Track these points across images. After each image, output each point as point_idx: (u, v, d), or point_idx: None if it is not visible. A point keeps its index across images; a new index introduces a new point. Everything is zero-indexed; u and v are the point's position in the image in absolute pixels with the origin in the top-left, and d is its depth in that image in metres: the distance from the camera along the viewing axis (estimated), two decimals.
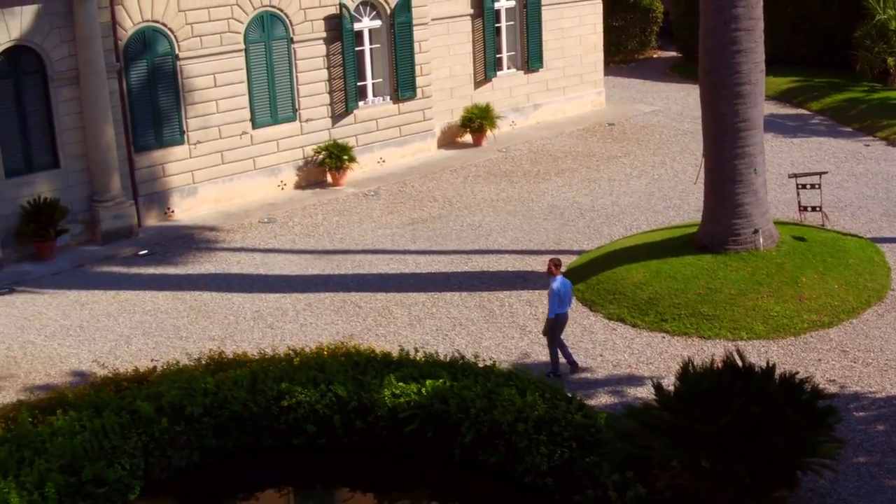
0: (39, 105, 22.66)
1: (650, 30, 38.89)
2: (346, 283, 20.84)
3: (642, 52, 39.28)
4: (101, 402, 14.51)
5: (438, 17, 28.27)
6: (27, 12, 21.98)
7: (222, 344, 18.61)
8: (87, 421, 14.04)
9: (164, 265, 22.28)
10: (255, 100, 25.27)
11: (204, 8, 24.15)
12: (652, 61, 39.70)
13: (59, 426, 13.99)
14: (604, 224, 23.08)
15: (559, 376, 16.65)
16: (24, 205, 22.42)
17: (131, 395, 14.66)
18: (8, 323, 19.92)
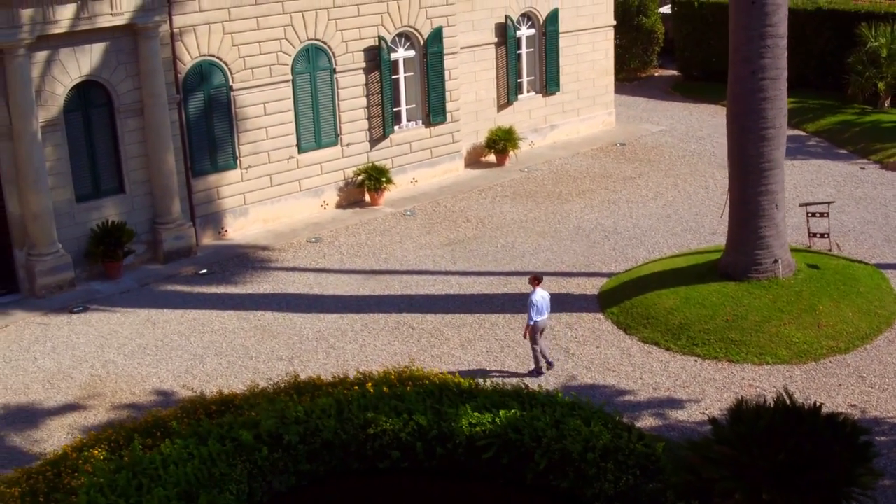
0: (107, 135, 23.31)
1: (652, 50, 39.76)
2: (397, 304, 21.58)
3: (644, 70, 40.11)
4: (203, 431, 15.23)
5: (466, 46, 28.95)
6: (96, 49, 22.55)
7: (290, 364, 19.39)
8: (194, 449, 14.72)
9: (225, 284, 22.97)
10: (301, 126, 25.94)
11: (255, 42, 24.77)
12: (654, 79, 40.50)
13: (169, 454, 14.70)
14: (628, 246, 23.87)
15: (541, 374, 18.36)
16: (94, 228, 23.09)
17: (228, 422, 15.41)
18: (87, 342, 20.59)
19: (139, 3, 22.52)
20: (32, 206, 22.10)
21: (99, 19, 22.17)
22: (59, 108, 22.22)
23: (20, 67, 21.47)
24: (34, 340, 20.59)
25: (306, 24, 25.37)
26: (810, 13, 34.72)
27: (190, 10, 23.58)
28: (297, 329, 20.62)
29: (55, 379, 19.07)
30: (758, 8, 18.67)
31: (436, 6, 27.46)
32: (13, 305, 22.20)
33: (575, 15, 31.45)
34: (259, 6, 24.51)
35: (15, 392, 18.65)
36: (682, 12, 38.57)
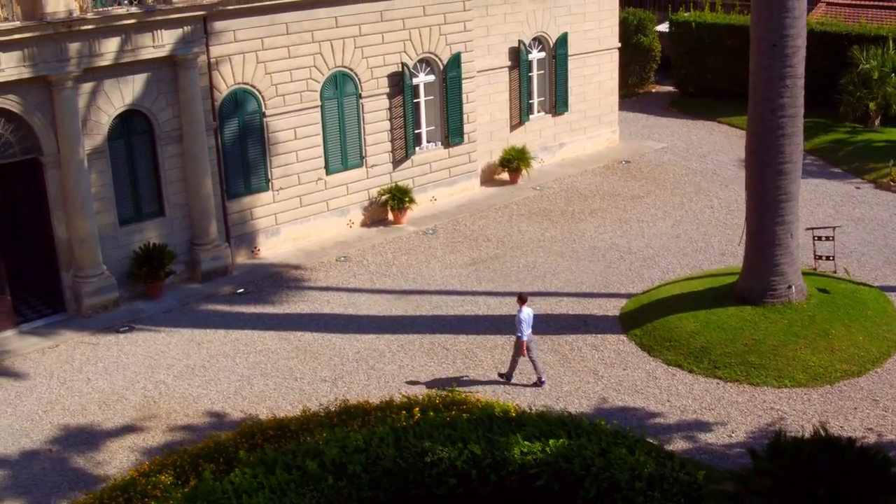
0: (148, 161, 23.55)
1: (650, 67, 40.25)
2: (430, 324, 21.94)
3: (642, 86, 40.51)
4: (269, 460, 15.55)
5: (482, 70, 29.28)
6: (138, 80, 22.71)
7: (334, 385, 19.73)
8: (263, 478, 15.05)
9: (262, 304, 23.25)
10: (329, 149, 26.22)
11: (287, 70, 25.01)
12: (651, 95, 40.92)
13: (240, 483, 15.01)
14: (643, 267, 24.33)
15: (543, 382, 19.18)
16: (136, 249, 23.33)
17: (292, 450, 15.72)
18: (136, 362, 20.84)
19: (179, 35, 22.75)
20: (79, 230, 22.33)
21: (141, 51, 22.38)
22: (104, 137, 22.44)
23: (68, 99, 21.67)
24: (85, 360, 20.87)
25: (334, 51, 25.65)
26: None
27: (226, 41, 23.81)
28: (336, 350, 20.97)
29: (110, 400, 19.37)
30: (779, 50, 19.15)
31: (455, 33, 27.79)
32: (61, 325, 22.42)
33: (583, 38, 31.86)
34: (290, 35, 24.79)
35: (73, 413, 18.93)
36: (679, 32, 39.01)
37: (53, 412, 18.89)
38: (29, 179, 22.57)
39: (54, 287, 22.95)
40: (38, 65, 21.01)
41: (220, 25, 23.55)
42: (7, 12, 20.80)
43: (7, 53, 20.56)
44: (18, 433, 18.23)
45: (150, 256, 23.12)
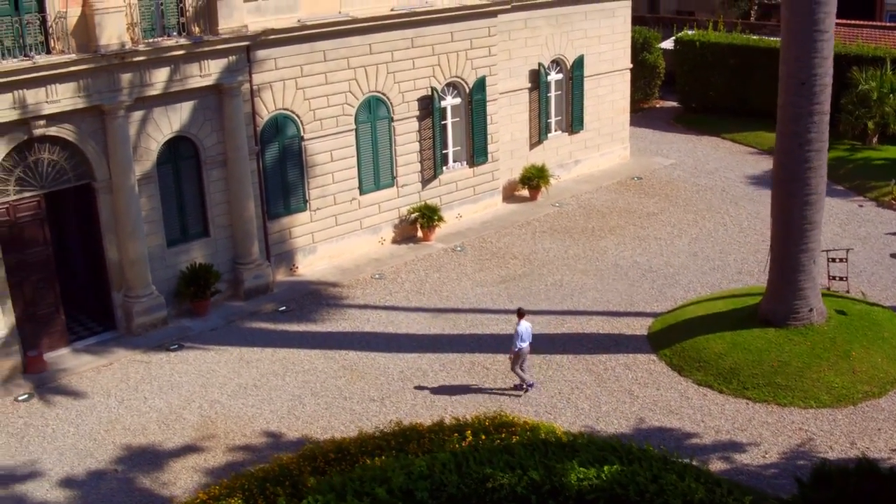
0: (193, 185, 23.61)
1: (654, 83, 40.56)
2: (468, 343, 22.10)
3: (647, 101, 40.85)
4: (337, 485, 15.68)
5: (504, 92, 29.45)
6: (185, 108, 22.76)
7: (382, 405, 19.86)
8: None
9: (305, 322, 23.36)
10: (363, 170, 26.36)
11: (324, 96, 25.09)
12: (655, 110, 41.25)
13: None
14: (665, 285, 24.57)
15: (531, 386, 19.90)
16: (183, 269, 23.42)
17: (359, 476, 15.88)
18: (190, 381, 20.92)
19: (225, 64, 22.80)
20: (130, 252, 22.38)
21: (189, 81, 22.42)
22: (153, 162, 22.48)
23: (120, 127, 21.68)
24: (140, 379, 20.93)
25: (368, 77, 25.74)
26: None
27: (267, 69, 23.86)
28: (381, 369, 21.11)
29: (168, 419, 19.44)
30: (807, 88, 19.41)
31: (480, 57, 27.94)
32: (112, 343, 22.47)
33: (598, 60, 32.11)
34: (328, 62, 24.85)
35: (134, 433, 18.99)
36: (684, 50, 39.36)
37: (115, 431, 18.98)
38: (81, 204, 22.65)
39: (105, 306, 23.02)
40: (92, 95, 21.02)
41: (263, 54, 23.61)
42: (63, 45, 20.78)
43: (63, 85, 20.55)
44: (83, 453, 18.31)
45: (196, 276, 23.23)
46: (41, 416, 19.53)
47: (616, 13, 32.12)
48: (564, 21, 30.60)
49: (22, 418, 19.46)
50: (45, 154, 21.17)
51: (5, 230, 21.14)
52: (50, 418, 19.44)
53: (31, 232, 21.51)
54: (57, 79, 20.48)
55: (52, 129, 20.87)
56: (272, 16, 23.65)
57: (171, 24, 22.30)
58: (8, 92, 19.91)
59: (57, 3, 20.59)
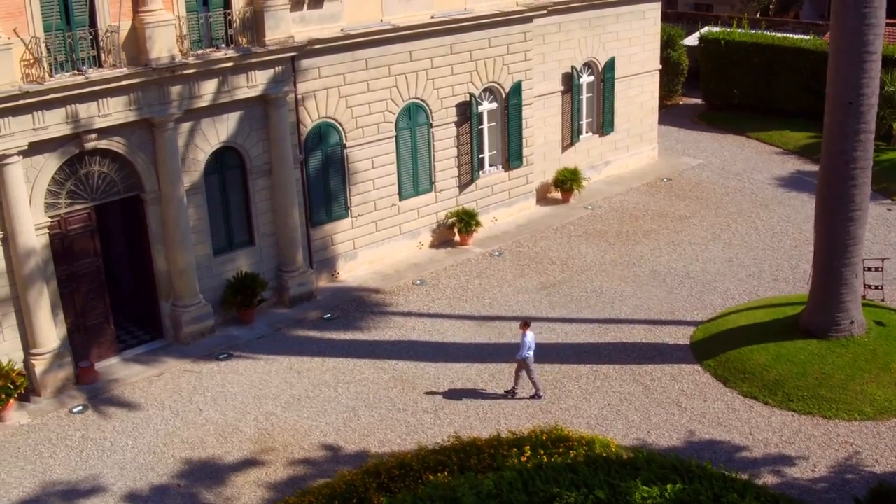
0: (239, 194, 23.72)
1: (678, 80, 40.63)
2: (514, 353, 21.87)
3: (671, 98, 40.92)
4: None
5: (538, 95, 29.54)
6: (232, 118, 22.82)
7: (436, 417, 20.06)
8: None
9: (351, 330, 23.52)
10: (402, 176, 26.52)
11: (366, 104, 25.18)
12: (679, 108, 41.35)
13: None
14: (703, 292, 24.76)
15: (541, 397, 20.38)
16: (230, 278, 23.58)
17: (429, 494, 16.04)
18: (243, 392, 21.08)
19: (271, 75, 22.84)
20: (178, 262, 22.51)
21: (237, 92, 22.47)
22: (200, 173, 22.58)
23: (169, 139, 21.75)
24: (192, 390, 21.09)
25: (408, 84, 25.80)
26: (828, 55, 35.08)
27: (311, 78, 23.90)
28: (431, 379, 21.29)
29: (225, 432, 19.60)
30: (854, 108, 19.58)
31: (516, 62, 27.99)
32: (161, 352, 22.64)
33: (628, 62, 32.20)
34: (370, 70, 24.92)
35: (193, 446, 19.16)
36: (708, 48, 39.39)
37: (173, 445, 19.16)
38: (129, 215, 22.77)
39: (152, 315, 23.17)
40: (143, 108, 21.08)
41: (307, 63, 23.65)
42: (114, 58, 20.81)
43: (114, 98, 20.60)
44: (144, 467, 18.48)
45: (243, 285, 23.38)
46: (98, 428, 19.73)
47: (646, 15, 32.19)
48: (597, 24, 30.67)
49: (79, 431, 19.67)
50: (96, 167, 21.26)
51: (57, 242, 21.25)
52: (107, 431, 19.65)
53: (81, 244, 21.65)
54: (108, 93, 20.53)
55: (103, 143, 20.96)
56: (316, 25, 23.70)
57: (218, 36, 22.37)
58: (61, 107, 19.97)
59: (108, 17, 20.65)
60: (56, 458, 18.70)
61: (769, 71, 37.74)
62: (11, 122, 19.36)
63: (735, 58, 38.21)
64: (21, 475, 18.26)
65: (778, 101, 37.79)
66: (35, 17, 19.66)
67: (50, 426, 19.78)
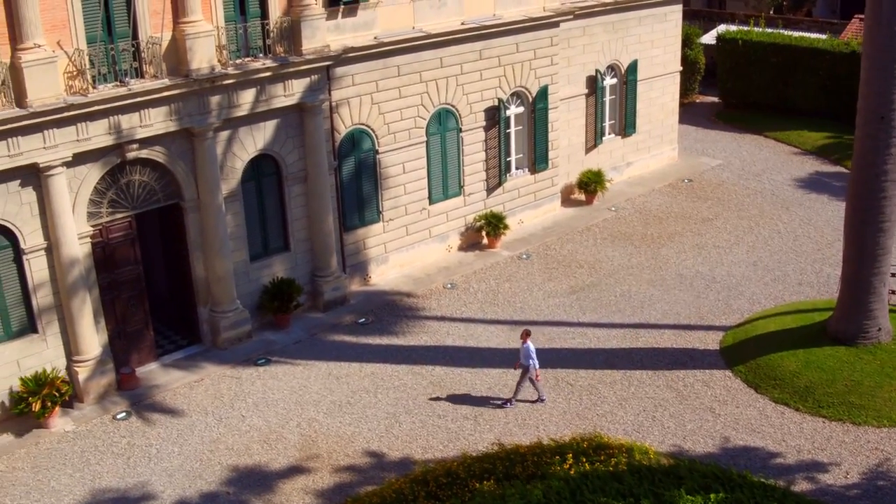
0: (275, 201, 24.02)
1: (694, 78, 40.83)
2: (549, 358, 22.57)
3: (688, 97, 41.04)
4: None
5: (563, 98, 29.81)
6: (269, 126, 23.08)
7: (476, 423, 20.36)
8: None
9: (386, 335, 23.86)
10: (432, 181, 26.81)
11: (398, 110, 25.46)
12: (696, 106, 41.60)
13: None
14: (730, 297, 25.12)
15: (544, 400, 20.84)
16: (266, 284, 23.89)
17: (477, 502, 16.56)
18: (284, 398, 21.40)
19: (307, 83, 23.09)
20: (217, 269, 22.83)
21: (274, 100, 22.73)
22: (238, 181, 22.85)
23: (208, 148, 22.03)
24: (234, 396, 21.41)
25: (439, 90, 26.07)
26: (845, 55, 36.05)
27: (345, 85, 24.14)
28: (468, 385, 21.62)
29: (270, 439, 19.93)
30: (886, 122, 19.91)
31: (543, 67, 28.25)
32: (200, 357, 22.97)
33: (650, 64, 32.46)
34: (402, 77, 25.16)
35: (238, 453, 19.49)
36: (726, 48, 39.60)
37: (219, 451, 19.49)
38: (168, 223, 23.02)
39: (190, 320, 23.50)
40: (183, 118, 21.35)
41: (340, 71, 23.88)
42: (154, 69, 21.04)
43: (155, 109, 20.86)
44: (192, 474, 18.82)
45: (280, 290, 23.69)
46: (143, 435, 20.06)
47: (668, 17, 32.44)
48: (620, 27, 30.92)
49: (124, 438, 20.00)
50: (136, 176, 21.52)
51: (99, 251, 21.55)
52: (152, 438, 19.98)
53: (122, 252, 21.94)
54: (150, 103, 20.79)
55: (144, 152, 21.21)
56: (350, 33, 23.93)
57: (255, 46, 22.61)
58: (104, 118, 20.23)
59: (149, 28, 20.86)
60: (104, 465, 19.06)
61: (786, 71, 38.03)
62: (56, 133, 19.64)
63: (752, 57, 38.47)
64: (70, 482, 18.61)
65: (795, 101, 38.12)
66: (79, 29, 19.89)
67: (95, 433, 20.14)
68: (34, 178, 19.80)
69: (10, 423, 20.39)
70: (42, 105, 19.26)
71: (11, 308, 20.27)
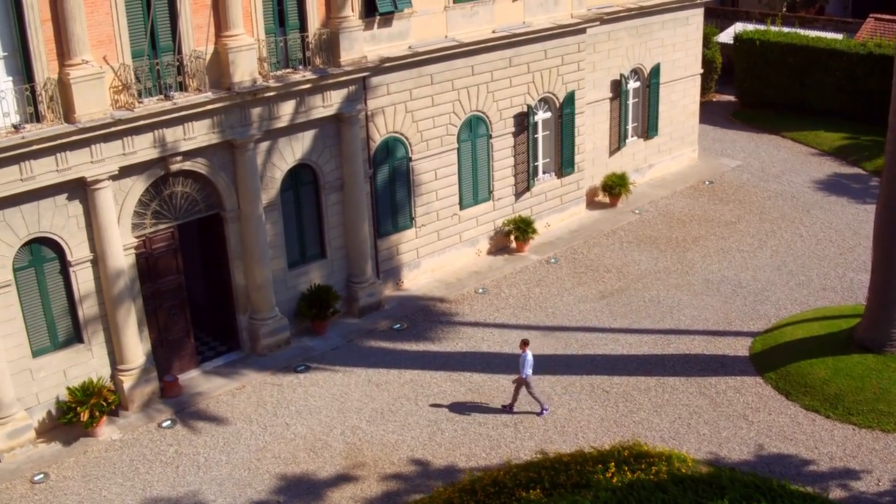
0: (312, 209, 24.34)
1: (711, 77, 41.10)
2: (583, 364, 23.05)
3: (704, 95, 41.20)
4: None
5: (589, 102, 30.13)
6: (307, 137, 23.40)
7: (517, 431, 20.63)
8: None
9: (423, 341, 24.23)
10: (463, 186, 27.18)
11: (431, 117, 25.76)
12: (713, 104, 41.91)
13: None
14: (756, 302, 25.57)
15: (546, 410, 21.24)
16: (304, 291, 24.26)
17: None
18: (325, 405, 21.77)
19: (345, 94, 23.39)
20: (257, 278, 23.18)
21: (313, 111, 23.03)
22: (277, 190, 23.17)
23: (249, 159, 22.33)
24: (277, 404, 21.78)
25: (470, 98, 26.37)
26: (862, 56, 36.42)
27: (380, 94, 24.45)
28: (506, 392, 21.96)
29: (315, 447, 20.32)
30: None
31: (570, 73, 28.56)
32: (240, 364, 23.34)
33: (672, 67, 32.79)
34: (434, 86, 25.46)
35: (286, 461, 19.85)
36: (743, 48, 39.91)
37: (266, 460, 19.86)
38: (208, 232, 23.32)
39: (229, 327, 23.86)
40: (225, 130, 21.65)
41: (376, 81, 24.17)
42: (197, 82, 21.31)
43: (199, 122, 21.16)
44: (241, 483, 19.19)
45: (318, 298, 24.05)
46: (190, 443, 20.43)
47: (690, 21, 32.74)
48: (644, 31, 31.21)
49: (172, 446, 20.37)
50: (179, 187, 21.83)
51: (142, 261, 21.86)
52: (199, 446, 20.34)
53: (165, 262, 22.27)
54: (194, 117, 21.07)
55: (187, 164, 21.51)
56: (385, 44, 24.21)
57: (294, 58, 22.90)
58: (149, 132, 20.51)
59: (192, 42, 21.12)
60: (153, 474, 19.43)
61: (803, 71, 38.40)
62: (103, 148, 19.94)
63: (770, 57, 38.78)
64: (121, 491, 18.99)
65: (812, 101, 38.50)
66: (124, 44, 20.14)
67: (142, 441, 20.52)
68: (81, 192, 20.12)
69: (58, 432, 20.77)
70: (90, 120, 19.53)
71: (58, 319, 20.62)
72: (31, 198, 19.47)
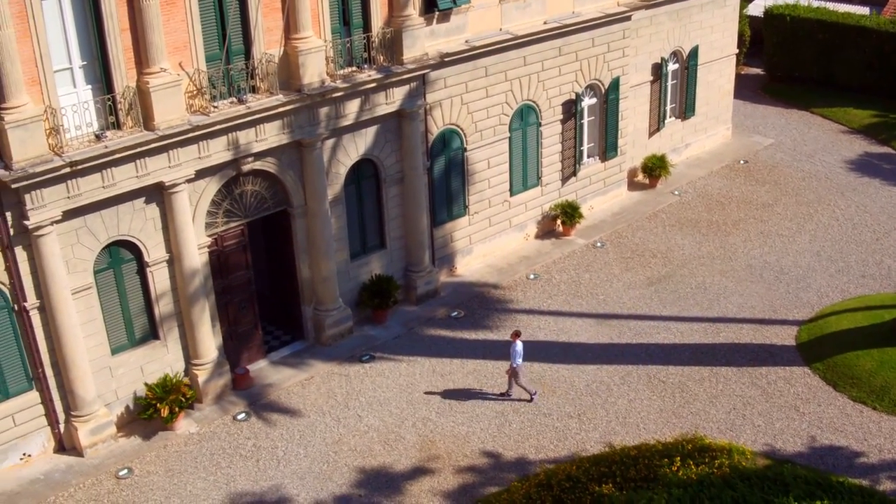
0: (372, 202, 24.80)
1: (740, 51, 41.00)
2: (638, 354, 23.70)
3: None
4: None
5: (631, 86, 30.41)
6: (370, 132, 23.76)
7: (580, 422, 21.38)
8: None
9: (480, 329, 24.82)
10: (514, 173, 27.59)
11: (484, 108, 26.10)
12: (741, 78, 41.98)
13: None
14: (799, 289, 26.21)
15: (534, 395, 22.14)
16: (365, 281, 24.85)
17: None
18: (394, 396, 22.38)
19: (407, 91, 23.68)
20: (322, 270, 23.73)
21: (377, 109, 23.35)
22: (341, 185, 23.59)
23: (316, 157, 22.73)
24: (346, 395, 22.40)
25: (522, 87, 26.67)
26: (891, 34, 36.59)
27: (438, 88, 24.73)
28: (568, 382, 22.71)
29: (389, 439, 20.97)
30: None
31: (615, 59, 28.84)
32: (306, 354, 23.95)
33: (709, 48, 33.02)
34: (489, 77, 25.73)
35: (362, 454, 20.52)
36: (773, 23, 40.03)
37: (343, 453, 20.54)
38: (274, 227, 23.76)
39: (293, 317, 24.48)
40: (294, 130, 21.99)
41: (434, 75, 24.43)
42: (268, 84, 21.56)
43: (270, 124, 21.48)
44: (322, 476, 19.89)
45: (379, 287, 24.63)
46: (266, 436, 21.08)
47: (727, 2, 32.90)
48: (683, 15, 31.38)
49: (249, 439, 21.02)
50: (249, 186, 22.23)
51: (214, 259, 22.36)
52: (276, 439, 20.99)
53: (235, 258, 22.77)
54: (265, 119, 21.38)
55: (258, 164, 21.89)
56: (443, 38, 24.43)
57: (359, 57, 23.14)
58: (223, 135, 20.85)
59: (262, 45, 21.33)
60: (235, 468, 20.12)
61: (832, 47, 38.60)
62: (180, 152, 20.28)
63: (799, 33, 38.96)
64: (206, 486, 19.66)
65: (840, 78, 38.80)
66: (198, 49, 20.36)
67: (219, 434, 21.16)
68: (158, 195, 20.51)
69: (136, 426, 21.45)
70: (168, 127, 19.84)
71: (135, 317, 21.19)
72: (111, 203, 19.89)
